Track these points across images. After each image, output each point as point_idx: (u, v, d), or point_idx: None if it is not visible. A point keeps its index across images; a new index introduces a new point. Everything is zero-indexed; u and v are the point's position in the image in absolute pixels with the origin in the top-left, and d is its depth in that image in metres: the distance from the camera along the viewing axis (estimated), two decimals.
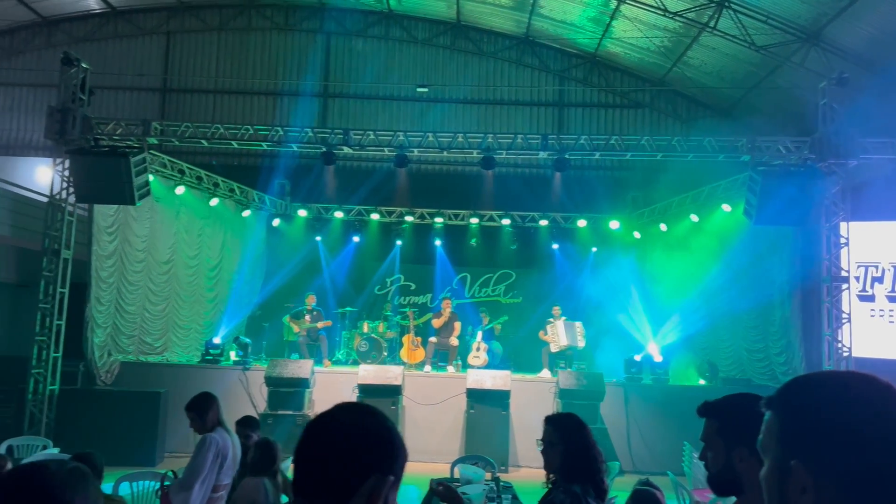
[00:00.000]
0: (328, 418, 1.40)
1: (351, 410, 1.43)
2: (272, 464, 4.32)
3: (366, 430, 1.38)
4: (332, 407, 1.44)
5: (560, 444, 3.14)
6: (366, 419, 1.41)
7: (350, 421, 1.39)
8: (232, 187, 13.54)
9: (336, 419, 1.40)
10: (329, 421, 1.39)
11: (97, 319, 11.31)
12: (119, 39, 16.90)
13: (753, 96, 14.56)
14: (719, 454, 2.01)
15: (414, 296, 15.69)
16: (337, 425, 1.38)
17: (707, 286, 12.51)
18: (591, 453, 3.16)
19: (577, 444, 3.14)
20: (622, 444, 11.00)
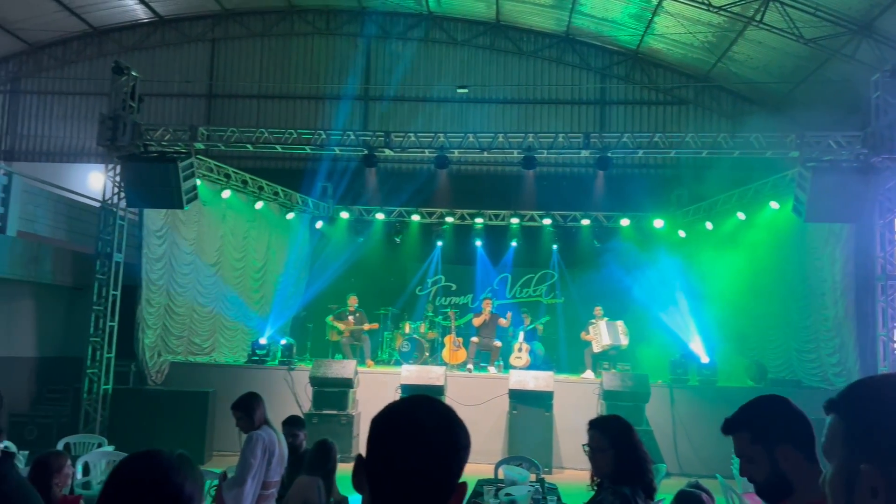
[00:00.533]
0: (420, 422, 1.28)
1: (435, 410, 1.32)
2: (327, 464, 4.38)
3: (458, 434, 1.29)
4: (409, 404, 1.33)
5: (610, 448, 3.12)
6: (450, 419, 1.31)
7: (444, 425, 1.29)
8: (276, 190, 13.75)
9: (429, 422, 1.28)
10: (426, 425, 1.27)
11: (148, 321, 11.61)
12: (166, 47, 17.33)
13: (802, 91, 14.18)
14: (762, 462, 1.97)
15: (455, 296, 15.72)
16: (445, 425, 1.28)
17: (755, 285, 12.23)
18: (639, 455, 3.14)
19: (627, 448, 3.12)
20: (668, 447, 10.84)
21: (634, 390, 10.70)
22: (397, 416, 1.29)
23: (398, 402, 1.34)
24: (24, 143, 17.55)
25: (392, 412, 1.31)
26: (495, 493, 5.33)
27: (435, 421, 1.28)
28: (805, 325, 11.93)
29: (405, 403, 1.33)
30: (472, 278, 15.56)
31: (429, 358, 12.99)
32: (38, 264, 10.82)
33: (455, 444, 1.27)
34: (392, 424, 1.28)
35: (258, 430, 4.47)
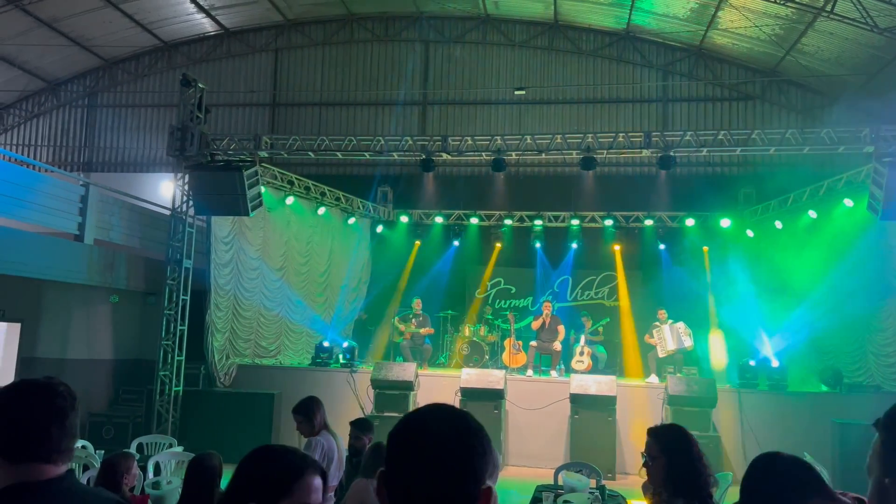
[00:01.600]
0: (434, 429, 1.27)
1: (449, 416, 1.31)
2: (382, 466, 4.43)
3: (477, 439, 1.27)
4: (421, 415, 1.32)
5: (662, 456, 3.04)
6: (467, 424, 1.30)
7: (458, 434, 1.27)
8: (338, 196, 13.99)
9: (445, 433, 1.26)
10: (442, 437, 1.25)
11: (216, 324, 11.98)
12: (232, 59, 17.88)
13: (878, 82, 13.53)
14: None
15: (515, 299, 15.64)
16: (455, 436, 1.26)
17: (829, 286, 11.73)
18: (695, 466, 3.03)
19: (680, 458, 3.02)
20: (737, 454, 10.51)
21: (700, 395, 10.42)
22: (410, 429, 1.29)
23: (412, 414, 1.33)
24: (101, 155, 18.41)
25: (405, 425, 1.30)
26: (554, 499, 5.28)
27: (448, 430, 1.26)
28: (883, 327, 11.38)
29: (418, 414, 1.32)
30: (532, 281, 15.45)
31: (489, 361, 12.97)
32: (114, 271, 11.32)
33: (471, 451, 1.24)
34: (405, 438, 1.28)
35: (317, 436, 4.55)
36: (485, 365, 12.63)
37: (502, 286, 15.77)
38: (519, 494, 7.23)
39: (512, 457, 11.09)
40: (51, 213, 10.37)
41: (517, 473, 10.26)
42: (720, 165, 15.54)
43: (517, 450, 11.10)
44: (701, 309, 12.99)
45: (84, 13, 15.47)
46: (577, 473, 6.16)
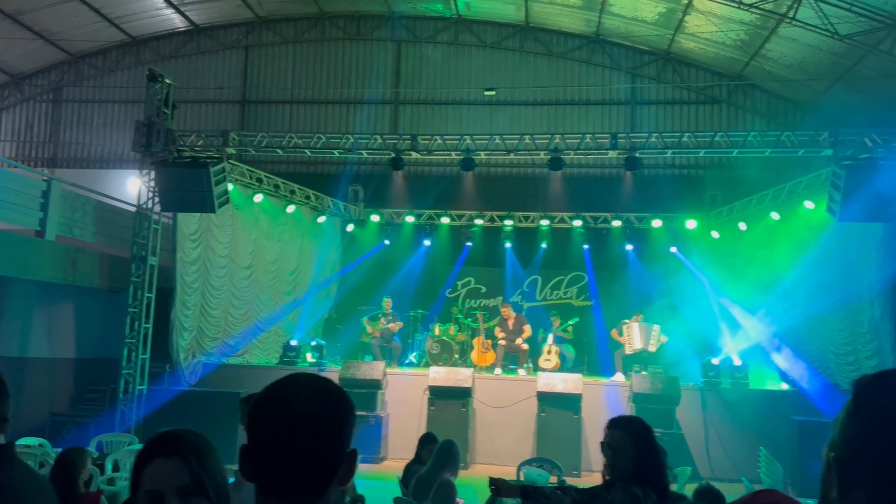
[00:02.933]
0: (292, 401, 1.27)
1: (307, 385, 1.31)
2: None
3: (335, 403, 1.29)
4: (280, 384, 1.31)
5: (632, 449, 3.06)
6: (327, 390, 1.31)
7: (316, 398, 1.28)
8: (308, 194, 13.94)
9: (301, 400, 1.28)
10: (298, 404, 1.27)
11: (183, 323, 11.86)
12: (201, 55, 17.72)
13: (839, 88, 13.86)
14: None
15: (485, 298, 15.71)
16: (311, 406, 1.27)
17: (790, 287, 11.97)
18: (653, 457, 3.09)
19: (648, 450, 3.07)
20: (700, 450, 10.69)
21: (665, 393, 10.60)
22: (269, 399, 1.29)
23: (271, 385, 1.33)
24: (66, 151, 18.11)
25: (264, 395, 1.30)
26: None
27: (307, 396, 1.28)
28: (842, 327, 11.65)
29: (277, 384, 1.32)
30: (502, 280, 15.54)
31: (458, 360, 13.02)
32: (77, 268, 11.15)
33: (332, 413, 1.27)
34: (265, 407, 1.28)
35: None
36: (454, 364, 12.68)
37: (472, 286, 15.83)
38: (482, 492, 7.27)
39: (479, 455, 11.15)
40: (11, 209, 10.17)
41: (483, 471, 10.29)
42: (687, 168, 15.79)
43: (484, 448, 11.16)
44: (666, 308, 13.17)
45: (49, 6, 15.21)
46: (538, 468, 6.23)
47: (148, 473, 1.45)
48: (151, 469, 1.45)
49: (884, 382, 1.03)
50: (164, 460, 1.45)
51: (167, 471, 1.44)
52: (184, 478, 1.44)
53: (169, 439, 1.49)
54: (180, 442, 1.48)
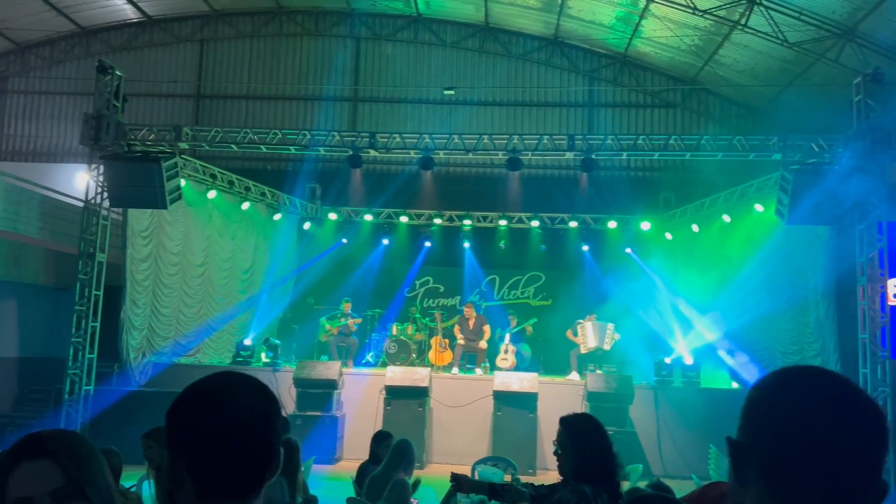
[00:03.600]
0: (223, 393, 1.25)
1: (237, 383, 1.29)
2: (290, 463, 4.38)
3: (265, 395, 1.28)
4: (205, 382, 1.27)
5: (570, 445, 3.08)
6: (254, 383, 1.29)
7: (248, 389, 1.27)
8: (263, 191, 13.73)
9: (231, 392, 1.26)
10: (230, 395, 1.25)
11: (133, 321, 11.57)
12: (154, 48, 17.30)
13: (788, 94, 14.26)
14: None
15: (443, 298, 15.71)
16: (243, 397, 1.25)
17: (740, 287, 12.26)
18: (604, 456, 3.09)
19: (590, 447, 3.07)
20: (652, 448, 10.86)
21: (618, 392, 10.73)
22: (198, 396, 1.26)
23: (194, 384, 1.29)
24: (11, 143, 17.49)
25: (191, 393, 1.26)
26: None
27: (237, 389, 1.27)
28: (789, 327, 11.98)
29: (200, 383, 1.28)
30: (460, 280, 15.55)
31: (416, 359, 12.98)
32: (21, 264, 10.77)
33: (264, 405, 1.26)
34: (196, 405, 1.25)
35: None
36: (411, 363, 12.63)
37: (431, 285, 15.81)
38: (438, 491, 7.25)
39: (435, 454, 11.13)
40: None
41: (439, 471, 10.29)
42: (642, 170, 16.05)
43: (440, 447, 11.15)
44: (621, 308, 13.36)
45: None
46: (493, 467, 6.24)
47: (14, 479, 1.33)
48: (17, 474, 1.33)
49: (773, 377, 1.10)
50: (30, 463, 1.34)
51: (35, 474, 1.32)
52: (56, 480, 1.32)
53: (33, 440, 1.37)
54: (48, 442, 1.36)
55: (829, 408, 1.02)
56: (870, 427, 1.02)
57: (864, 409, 1.03)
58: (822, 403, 1.03)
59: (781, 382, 1.08)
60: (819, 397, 1.03)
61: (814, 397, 1.04)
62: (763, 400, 1.07)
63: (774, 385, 1.08)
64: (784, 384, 1.07)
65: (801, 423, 1.01)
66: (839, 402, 1.03)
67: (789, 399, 1.04)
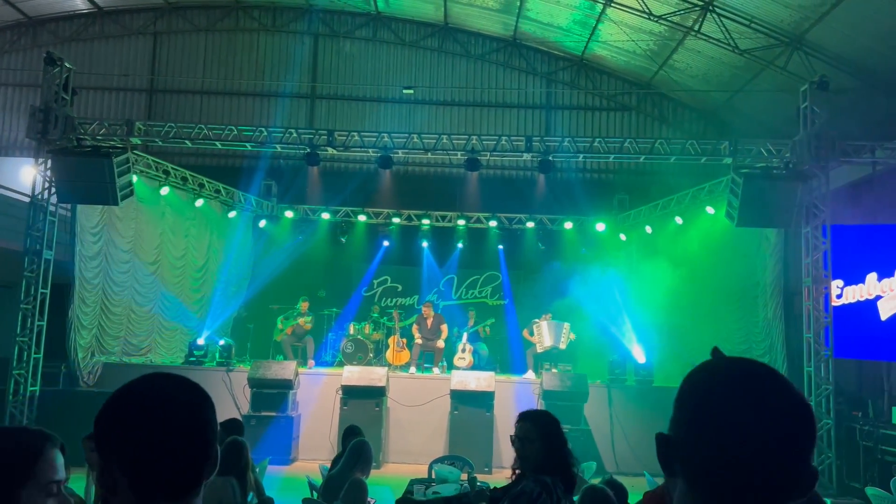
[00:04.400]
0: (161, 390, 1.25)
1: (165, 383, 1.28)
2: (239, 462, 4.33)
3: (202, 393, 1.28)
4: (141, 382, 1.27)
5: (539, 440, 3.16)
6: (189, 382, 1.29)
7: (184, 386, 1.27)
8: (217, 188, 13.52)
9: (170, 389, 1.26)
10: (169, 391, 1.25)
11: (82, 320, 11.28)
12: (105, 40, 16.85)
13: (738, 99, 14.64)
14: None
15: (401, 297, 15.69)
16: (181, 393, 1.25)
17: (692, 288, 12.56)
18: (565, 450, 3.19)
19: (555, 441, 3.17)
20: (606, 445, 11.03)
21: (573, 390, 10.87)
22: (136, 393, 1.25)
23: (129, 384, 1.28)
24: None
25: (126, 392, 1.26)
26: (425, 491, 5.34)
27: (174, 386, 1.27)
28: (738, 326, 12.31)
29: (134, 382, 1.28)
30: (418, 279, 15.56)
31: (373, 359, 12.93)
32: None
33: (201, 401, 1.26)
34: (135, 402, 1.24)
35: None
36: (368, 363, 12.58)
37: (389, 284, 15.77)
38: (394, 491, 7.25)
39: (392, 454, 11.11)
40: None
41: (396, 470, 10.28)
42: (598, 172, 16.29)
43: (397, 447, 11.13)
44: (576, 308, 13.54)
45: None
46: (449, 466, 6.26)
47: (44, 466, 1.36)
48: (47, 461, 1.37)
49: (701, 371, 1.12)
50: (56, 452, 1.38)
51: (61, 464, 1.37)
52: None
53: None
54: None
55: (758, 399, 1.03)
56: (796, 415, 1.04)
57: (790, 398, 1.04)
58: (748, 395, 1.04)
59: (709, 376, 1.10)
60: (744, 388, 1.05)
61: (739, 389, 1.05)
62: (693, 393, 1.09)
63: (702, 378, 1.10)
64: (712, 377, 1.09)
65: (729, 416, 1.02)
66: (765, 393, 1.04)
67: (716, 392, 1.06)
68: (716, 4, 12.15)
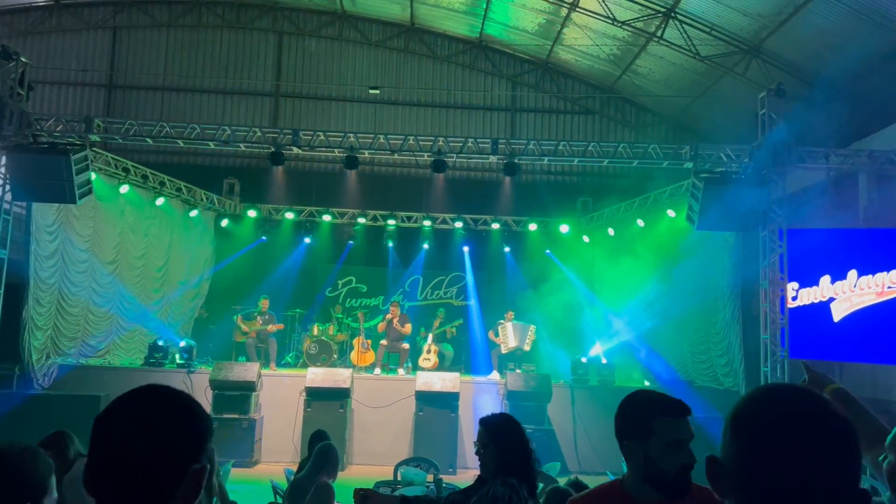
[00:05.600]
0: (128, 413, 1.24)
1: (147, 397, 1.27)
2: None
3: (174, 417, 1.25)
4: (122, 398, 1.27)
5: (492, 444, 3.18)
6: (167, 403, 1.27)
7: (154, 411, 1.24)
8: (179, 187, 13.30)
9: (136, 412, 1.24)
10: (131, 416, 1.23)
11: (36, 321, 11.00)
12: (63, 33, 16.43)
13: (699, 105, 14.95)
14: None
15: (366, 298, 15.63)
16: (143, 418, 1.23)
17: (652, 289, 12.78)
18: (523, 453, 3.21)
19: (509, 444, 3.18)
20: (569, 445, 11.15)
21: (537, 390, 10.96)
22: (107, 408, 1.26)
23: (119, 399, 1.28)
24: None
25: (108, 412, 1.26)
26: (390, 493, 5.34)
27: (143, 404, 1.25)
28: (697, 328, 12.57)
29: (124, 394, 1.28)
30: (384, 280, 15.53)
31: (337, 360, 12.86)
32: None
33: (165, 423, 1.23)
34: (100, 416, 1.25)
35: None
36: (333, 364, 12.51)
37: (354, 285, 15.70)
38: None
39: (357, 456, 11.07)
40: None
41: (360, 472, 10.25)
42: (562, 174, 16.46)
43: (362, 449, 11.10)
44: (540, 309, 13.67)
45: None
46: (415, 468, 6.27)
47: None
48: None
49: (760, 401, 1.17)
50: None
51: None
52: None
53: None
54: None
55: (808, 424, 1.10)
56: (847, 441, 1.10)
57: (841, 426, 1.11)
58: (800, 421, 1.11)
59: (764, 402, 1.16)
60: (799, 417, 1.12)
61: (791, 415, 1.12)
62: (754, 420, 1.14)
63: (760, 408, 1.16)
64: (765, 404, 1.15)
65: (786, 443, 1.09)
66: (818, 420, 1.11)
67: (769, 417, 1.12)
68: (678, 11, 12.39)
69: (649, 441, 2.11)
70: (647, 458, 2.10)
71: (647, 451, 2.11)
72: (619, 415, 2.21)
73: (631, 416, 2.18)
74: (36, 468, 1.62)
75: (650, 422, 2.12)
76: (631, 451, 2.15)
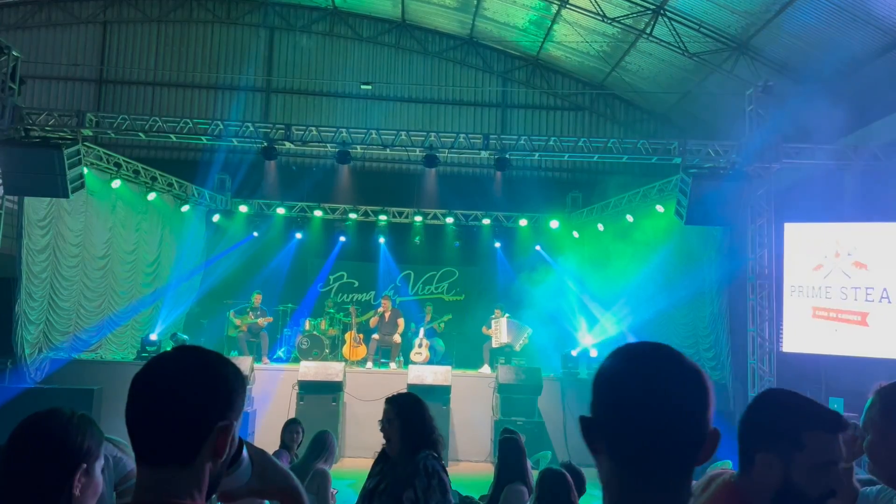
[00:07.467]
0: (157, 370, 1.29)
1: (179, 357, 1.32)
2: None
3: (202, 375, 1.28)
4: (159, 356, 1.33)
5: (397, 419, 3.41)
6: (197, 361, 1.31)
7: (183, 369, 1.29)
8: (170, 182, 13.31)
9: (166, 369, 1.29)
10: (160, 373, 1.28)
11: (29, 315, 11.00)
12: (53, 28, 16.38)
13: (688, 101, 15.10)
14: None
15: (357, 293, 15.69)
16: (171, 375, 1.27)
17: (641, 284, 12.92)
18: (428, 426, 3.47)
19: (413, 418, 3.43)
20: (559, 437, 11.26)
21: (527, 383, 11.08)
22: (146, 365, 1.31)
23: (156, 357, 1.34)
24: None
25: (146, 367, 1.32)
26: None
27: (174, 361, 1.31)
28: (685, 321, 12.71)
29: (163, 354, 1.34)
30: (375, 275, 15.59)
31: (329, 355, 12.93)
32: None
33: (191, 380, 1.27)
34: (137, 373, 1.30)
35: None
36: (324, 358, 12.57)
37: (345, 280, 15.76)
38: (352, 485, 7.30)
39: (349, 448, 11.15)
40: None
41: (353, 465, 10.33)
42: (552, 170, 16.58)
43: (355, 441, 11.17)
44: (530, 303, 13.79)
45: None
46: None
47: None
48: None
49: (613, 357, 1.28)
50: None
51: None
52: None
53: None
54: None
55: (653, 375, 1.20)
56: (689, 385, 1.20)
57: (681, 369, 1.21)
58: (646, 373, 1.21)
59: (614, 360, 1.26)
60: (642, 368, 1.22)
61: (638, 369, 1.22)
62: (603, 377, 1.24)
63: (609, 364, 1.26)
64: (616, 361, 1.25)
65: (631, 392, 1.19)
66: (662, 370, 1.21)
67: (620, 374, 1.23)
68: (667, 8, 12.51)
69: (794, 457, 1.71)
70: (787, 478, 1.70)
71: (788, 469, 1.71)
72: (749, 421, 1.80)
73: (770, 425, 1.77)
74: (91, 433, 1.72)
75: (798, 435, 1.73)
76: (766, 466, 1.73)
